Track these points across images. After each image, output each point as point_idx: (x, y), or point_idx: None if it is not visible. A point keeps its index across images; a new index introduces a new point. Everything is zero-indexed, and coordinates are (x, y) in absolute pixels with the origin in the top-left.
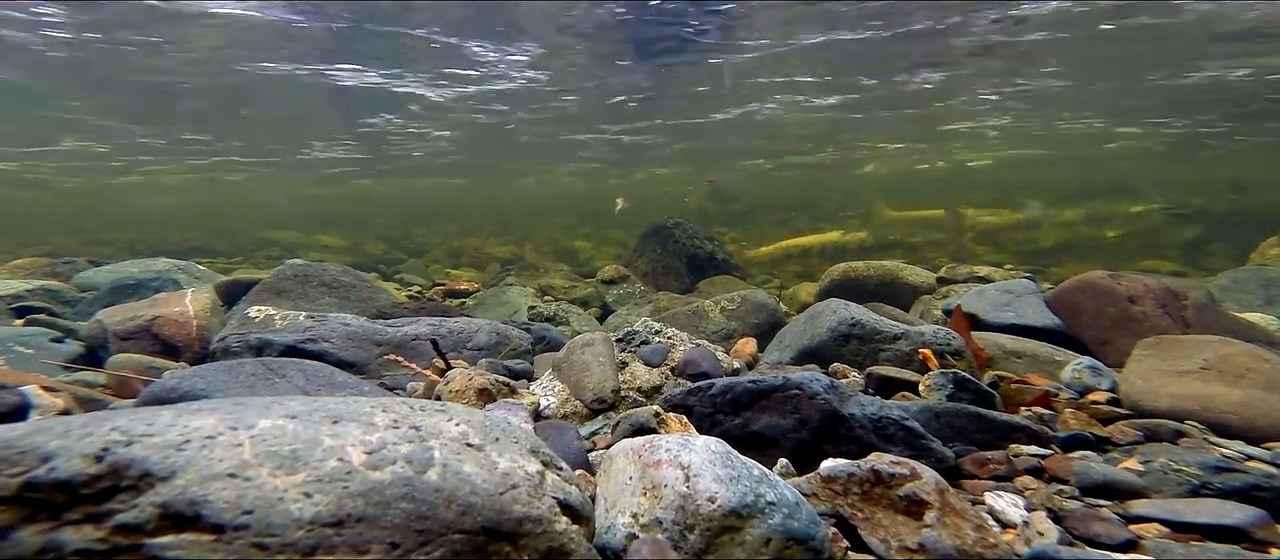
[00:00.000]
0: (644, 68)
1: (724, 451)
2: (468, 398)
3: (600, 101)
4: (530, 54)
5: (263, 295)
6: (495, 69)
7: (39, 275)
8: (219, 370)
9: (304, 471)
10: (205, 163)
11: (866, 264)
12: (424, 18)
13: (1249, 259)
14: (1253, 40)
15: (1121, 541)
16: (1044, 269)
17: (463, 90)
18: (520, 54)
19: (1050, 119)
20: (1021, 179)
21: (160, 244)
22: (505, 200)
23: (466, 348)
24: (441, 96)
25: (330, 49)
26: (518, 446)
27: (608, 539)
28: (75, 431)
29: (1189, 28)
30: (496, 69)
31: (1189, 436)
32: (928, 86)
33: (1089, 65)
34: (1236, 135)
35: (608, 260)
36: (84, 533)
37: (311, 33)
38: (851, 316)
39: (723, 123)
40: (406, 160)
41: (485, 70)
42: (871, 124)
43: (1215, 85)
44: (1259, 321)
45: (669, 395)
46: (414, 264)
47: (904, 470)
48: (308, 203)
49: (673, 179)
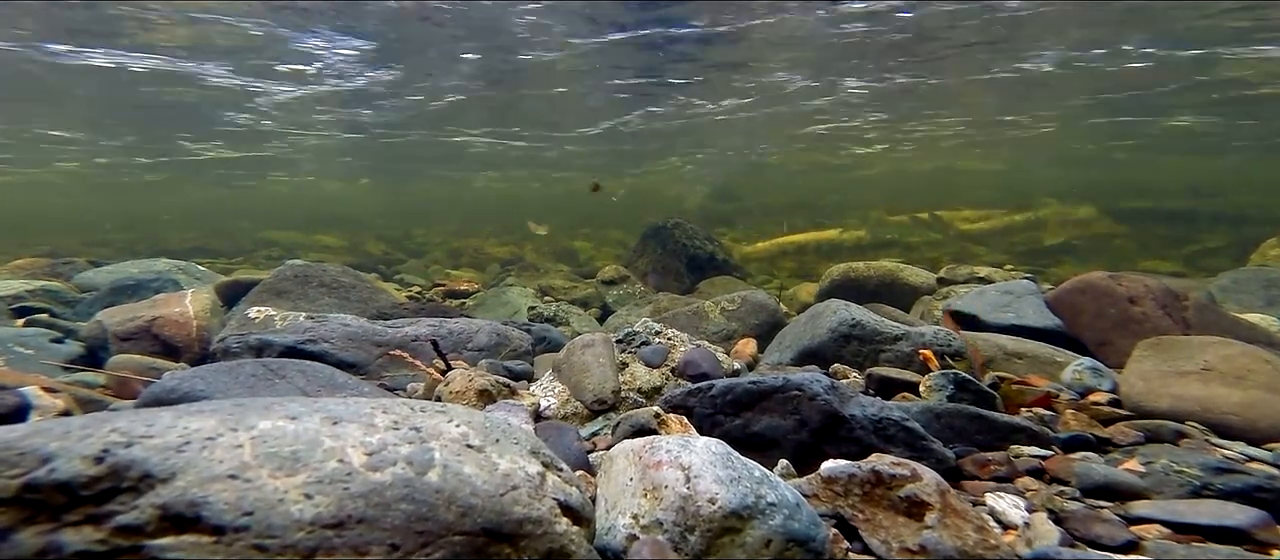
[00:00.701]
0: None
1: (724, 452)
2: (468, 399)
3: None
4: (361, 49)
5: (263, 296)
6: (332, 66)
7: (39, 275)
8: (219, 371)
9: (304, 473)
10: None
11: (867, 264)
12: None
13: (1249, 259)
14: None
15: (1123, 543)
16: (1044, 269)
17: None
18: (348, 48)
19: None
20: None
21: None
22: (414, 203)
23: (467, 348)
24: (284, 93)
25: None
26: (518, 448)
27: (608, 540)
28: (75, 433)
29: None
30: (334, 66)
31: (1190, 437)
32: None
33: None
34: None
35: (608, 261)
36: (84, 534)
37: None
38: (852, 317)
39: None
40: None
41: (320, 67)
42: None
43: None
44: (1260, 322)
45: (669, 396)
46: (414, 264)
47: (905, 471)
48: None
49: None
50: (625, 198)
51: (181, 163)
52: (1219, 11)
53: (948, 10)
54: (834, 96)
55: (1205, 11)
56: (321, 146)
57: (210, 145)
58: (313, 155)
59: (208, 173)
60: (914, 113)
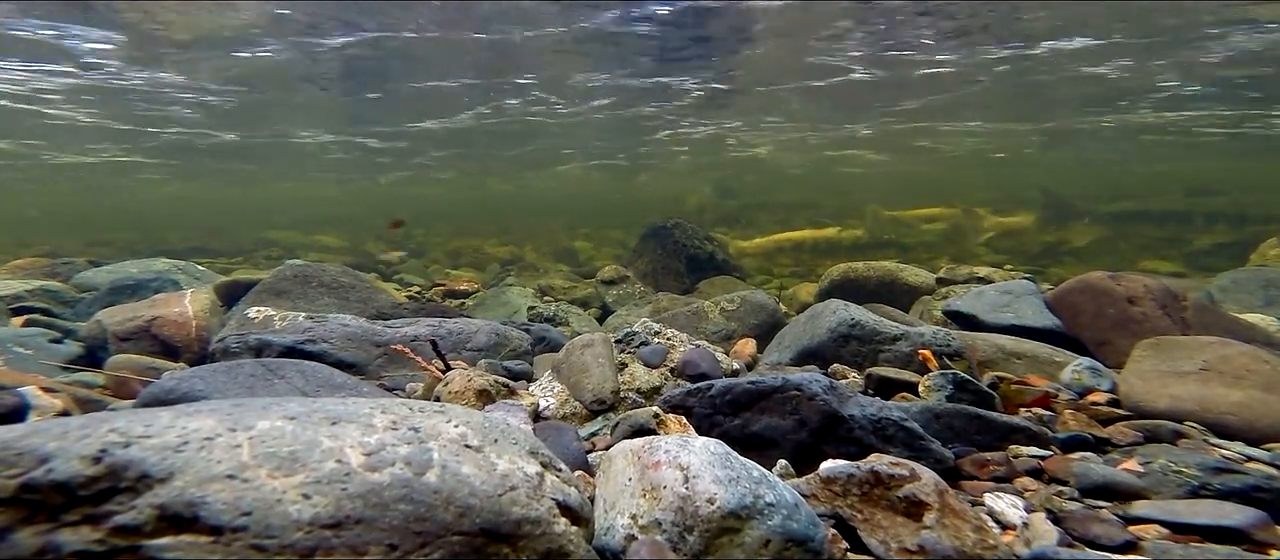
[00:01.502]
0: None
1: (723, 452)
2: (467, 399)
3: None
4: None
5: (262, 296)
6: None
7: (38, 275)
8: (218, 371)
9: (302, 473)
10: None
11: (866, 264)
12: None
13: (1249, 260)
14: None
15: (1121, 543)
16: (1044, 269)
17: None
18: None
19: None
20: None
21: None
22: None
23: (466, 349)
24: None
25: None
26: (517, 448)
27: (607, 540)
28: (73, 433)
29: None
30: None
31: (1188, 437)
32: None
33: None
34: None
35: (607, 261)
36: (82, 534)
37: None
38: (851, 317)
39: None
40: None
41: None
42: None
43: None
44: (1259, 322)
45: (668, 396)
46: (414, 264)
47: (903, 471)
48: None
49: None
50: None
51: None
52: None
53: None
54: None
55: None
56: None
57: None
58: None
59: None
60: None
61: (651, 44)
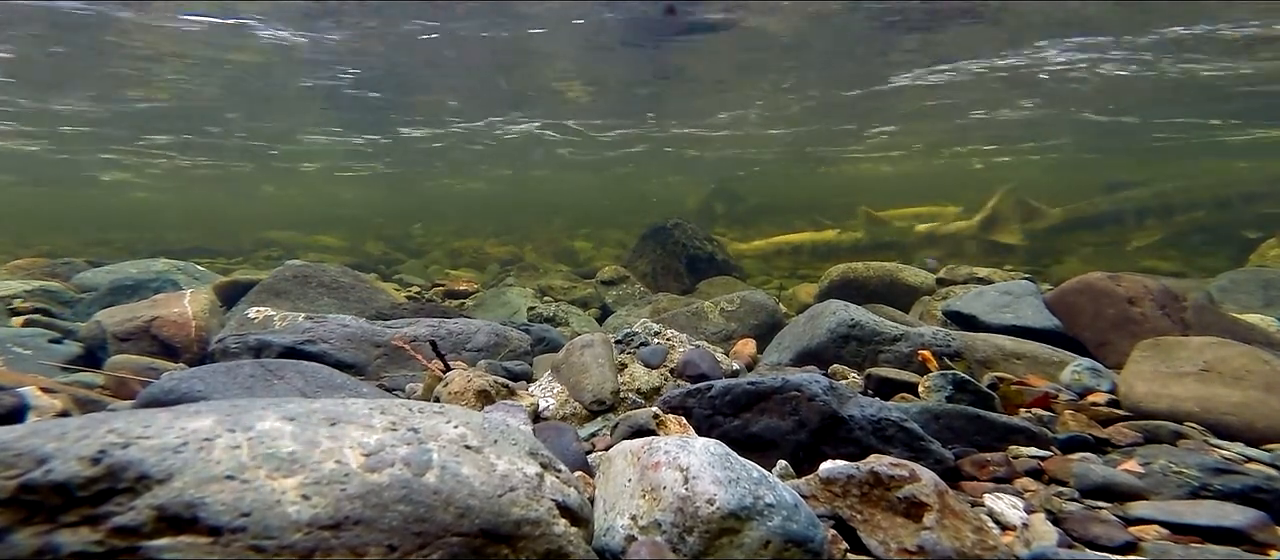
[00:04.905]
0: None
1: (723, 453)
2: (466, 399)
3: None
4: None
5: (262, 296)
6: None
7: (38, 275)
8: (217, 371)
9: (301, 473)
10: None
11: (866, 265)
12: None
13: (1249, 260)
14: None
15: (1121, 543)
16: (1044, 269)
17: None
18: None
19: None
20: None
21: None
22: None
23: (465, 349)
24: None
25: None
26: (516, 448)
27: (606, 541)
28: (72, 433)
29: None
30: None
31: (1188, 438)
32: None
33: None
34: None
35: (607, 261)
36: (81, 535)
37: None
38: (851, 318)
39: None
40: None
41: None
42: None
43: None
44: (1259, 323)
45: (668, 397)
46: (413, 264)
47: (903, 472)
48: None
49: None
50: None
51: None
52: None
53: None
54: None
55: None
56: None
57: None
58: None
59: None
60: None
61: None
